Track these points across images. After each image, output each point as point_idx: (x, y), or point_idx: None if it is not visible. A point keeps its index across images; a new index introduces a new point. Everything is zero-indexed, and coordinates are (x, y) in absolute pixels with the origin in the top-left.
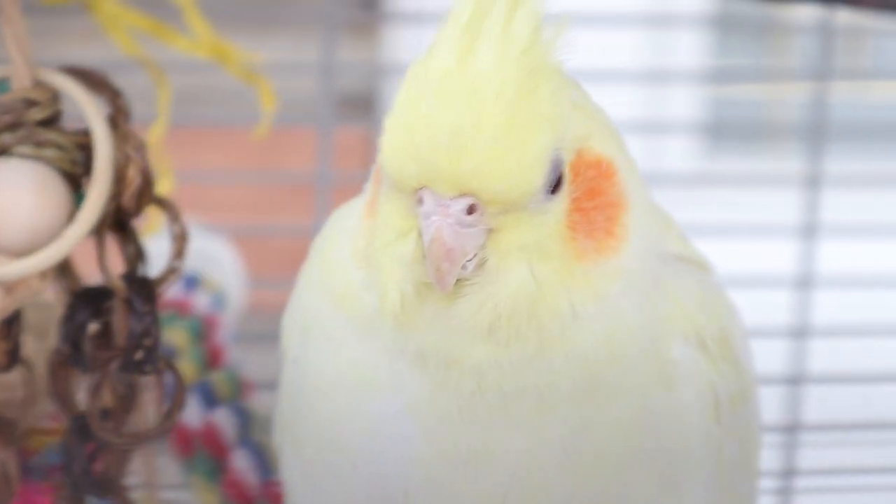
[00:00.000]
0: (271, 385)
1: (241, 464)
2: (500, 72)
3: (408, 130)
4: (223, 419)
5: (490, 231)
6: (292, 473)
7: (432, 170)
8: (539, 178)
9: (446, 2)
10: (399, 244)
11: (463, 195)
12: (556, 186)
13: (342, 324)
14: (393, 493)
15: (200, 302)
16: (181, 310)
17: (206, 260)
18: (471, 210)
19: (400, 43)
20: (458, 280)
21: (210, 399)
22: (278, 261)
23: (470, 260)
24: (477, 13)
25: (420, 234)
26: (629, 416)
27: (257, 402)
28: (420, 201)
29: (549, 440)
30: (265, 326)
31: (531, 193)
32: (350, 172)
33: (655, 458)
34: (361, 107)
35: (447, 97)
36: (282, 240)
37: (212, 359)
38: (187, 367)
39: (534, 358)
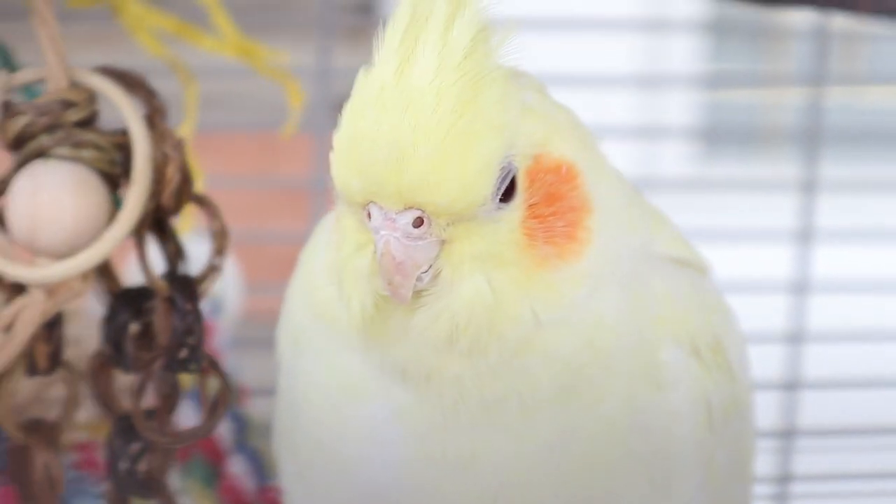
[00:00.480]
0: (268, 391)
1: (237, 469)
2: (439, 81)
3: (350, 145)
4: (219, 425)
5: (443, 242)
6: (289, 479)
7: (375, 184)
8: (486, 187)
9: None
10: (357, 258)
11: (409, 208)
12: (508, 194)
13: (327, 335)
14: (385, 497)
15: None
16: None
17: (202, 265)
18: (418, 223)
19: None
20: (416, 292)
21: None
22: (274, 267)
23: (425, 272)
24: (414, 22)
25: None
26: (616, 417)
27: (254, 407)
28: (368, 216)
29: (536, 443)
30: (261, 332)
31: (479, 203)
32: None
33: (644, 459)
34: None
35: (385, 110)
36: (278, 246)
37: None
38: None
39: (501, 365)
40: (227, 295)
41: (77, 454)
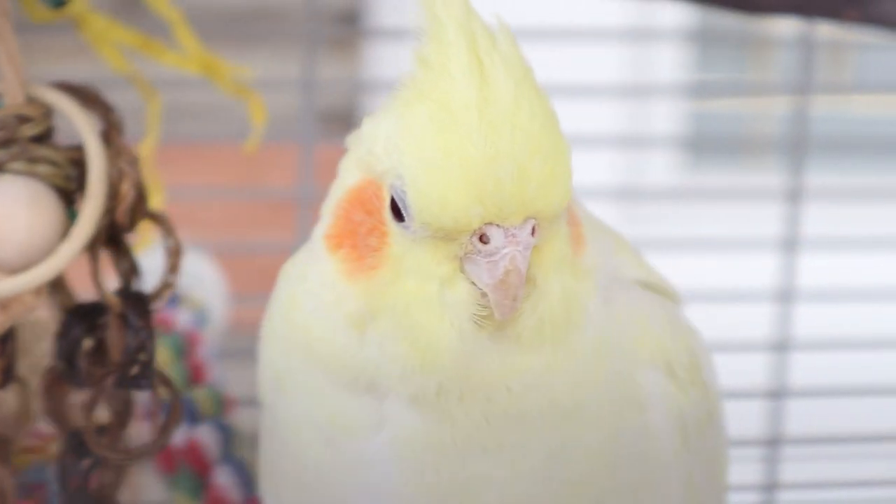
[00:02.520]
0: (254, 401)
1: (223, 480)
2: (520, 94)
3: (465, 173)
4: (206, 436)
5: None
6: None
7: (499, 204)
8: (570, 188)
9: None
10: (448, 291)
11: (526, 220)
12: None
13: (315, 376)
14: None
15: (182, 318)
16: (163, 326)
17: (188, 276)
18: (533, 233)
19: (381, 59)
20: None
21: (193, 416)
22: (260, 277)
23: None
24: (464, 41)
25: (464, 275)
26: (603, 440)
27: (240, 418)
28: (481, 240)
29: (529, 468)
30: (247, 343)
31: (566, 204)
32: (330, 189)
33: (630, 482)
34: (342, 123)
35: (494, 129)
36: (263, 256)
37: (194, 375)
38: None
39: (552, 368)
40: (212, 306)
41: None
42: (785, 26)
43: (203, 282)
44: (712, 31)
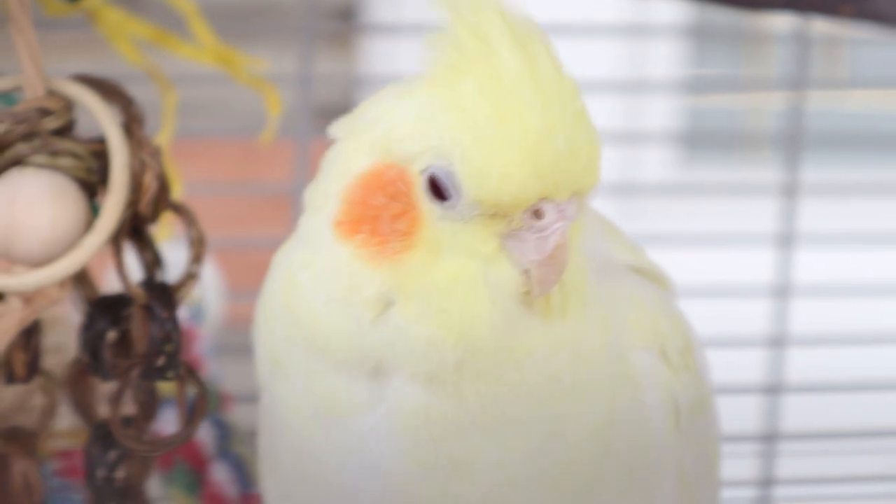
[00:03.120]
0: (250, 397)
1: (220, 476)
2: (559, 68)
3: (524, 147)
4: (203, 431)
5: None
6: (272, 497)
7: (555, 179)
8: None
9: (423, 13)
10: (492, 269)
11: (572, 196)
12: None
13: (314, 360)
14: None
15: (178, 314)
16: None
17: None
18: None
19: (377, 54)
20: None
21: (189, 412)
22: (256, 273)
23: None
24: (499, 17)
25: (505, 253)
26: (598, 421)
27: (236, 414)
28: (534, 215)
29: (526, 448)
30: (243, 338)
31: None
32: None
33: (625, 460)
34: (339, 118)
35: (548, 105)
36: (259, 252)
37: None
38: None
39: (567, 342)
40: (208, 301)
41: (60, 462)
42: (780, 22)
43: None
44: (708, 26)
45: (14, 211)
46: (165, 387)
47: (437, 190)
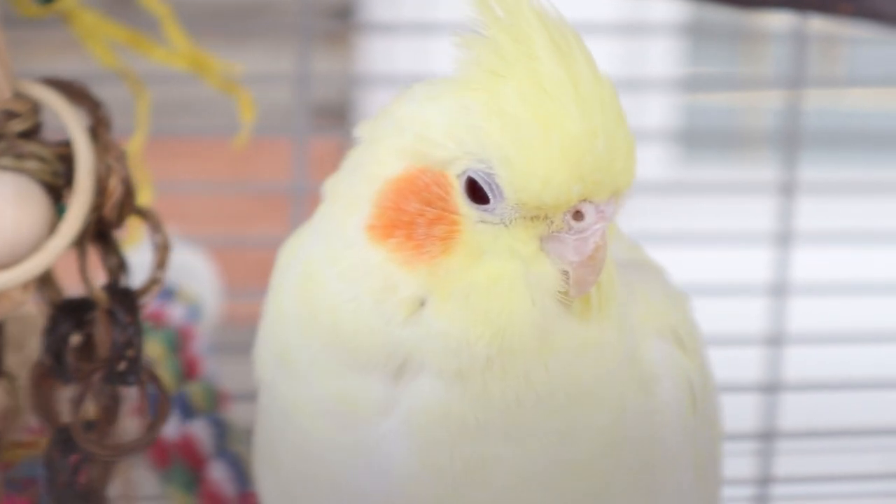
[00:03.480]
0: (248, 396)
1: (218, 475)
2: (596, 70)
3: (566, 149)
4: (200, 430)
5: None
6: (272, 497)
7: (596, 180)
8: None
9: (419, 12)
10: (532, 270)
11: (610, 196)
12: None
13: (331, 357)
14: None
15: (176, 313)
16: (157, 321)
17: (181, 271)
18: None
19: (374, 53)
20: None
21: (186, 410)
22: (253, 271)
23: None
24: (536, 20)
25: (545, 254)
26: (609, 423)
27: (234, 412)
28: (574, 217)
29: (541, 449)
30: (241, 337)
31: None
32: (324, 183)
33: (633, 464)
34: (336, 117)
35: (584, 105)
36: (257, 250)
37: (188, 370)
38: (163, 378)
39: (597, 343)
40: (206, 300)
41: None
42: (778, 20)
43: (196, 276)
44: (705, 24)
45: None
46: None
47: (476, 193)
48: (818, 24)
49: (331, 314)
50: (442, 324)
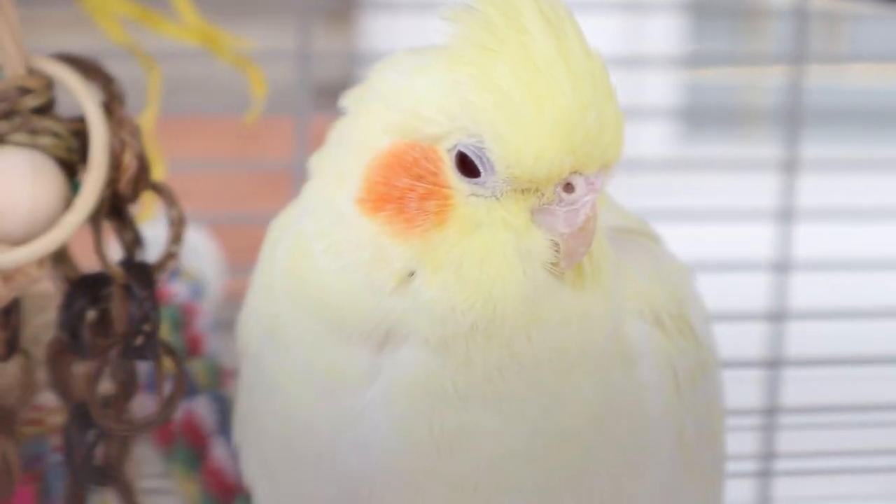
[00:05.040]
0: None
1: (220, 452)
2: (586, 45)
3: (558, 123)
4: (203, 407)
5: None
6: (252, 469)
7: (587, 153)
8: None
9: None
10: (524, 241)
11: (600, 169)
12: None
13: (317, 328)
14: (357, 486)
15: (179, 291)
16: (160, 299)
17: (184, 249)
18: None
19: (376, 31)
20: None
21: (189, 387)
22: (255, 249)
23: None
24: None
25: (536, 226)
26: (592, 397)
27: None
28: (565, 189)
29: (522, 421)
30: None
31: None
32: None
33: (618, 438)
34: (338, 95)
35: (578, 81)
36: (259, 228)
37: (191, 347)
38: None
39: (586, 314)
40: (208, 278)
41: (59, 438)
42: None
43: (199, 254)
44: (706, 1)
45: None
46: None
47: (466, 167)
48: (820, 0)
49: (319, 287)
50: (431, 293)
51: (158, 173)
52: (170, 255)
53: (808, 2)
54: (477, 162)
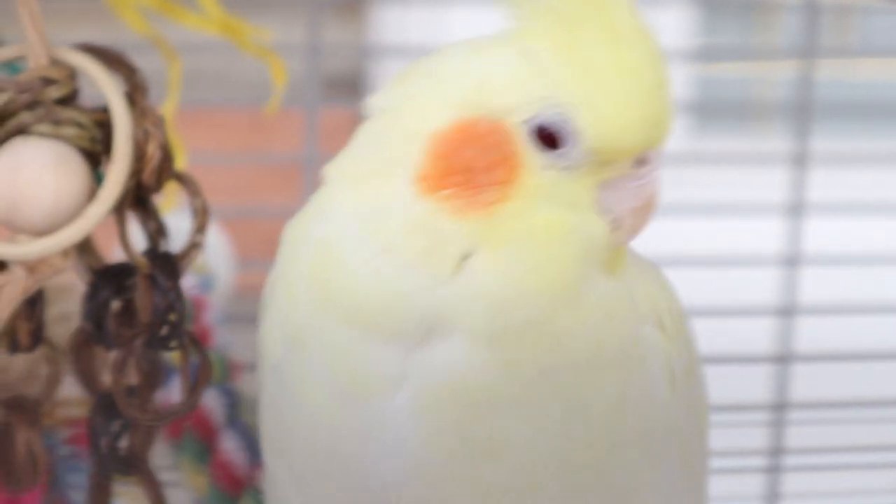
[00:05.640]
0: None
1: (229, 445)
2: (644, 25)
3: (641, 97)
4: (212, 400)
5: None
6: (283, 483)
7: (661, 128)
8: None
9: None
10: (583, 220)
11: (657, 147)
12: None
13: (345, 332)
14: (386, 494)
15: (189, 283)
16: None
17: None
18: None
19: (386, 24)
20: None
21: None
22: (265, 242)
23: None
24: None
25: (595, 206)
26: (618, 393)
27: (246, 383)
28: (639, 162)
29: (548, 426)
30: (253, 308)
31: None
32: (337, 154)
33: (637, 435)
34: (348, 88)
35: (653, 57)
36: (268, 221)
37: (201, 340)
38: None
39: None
40: (218, 271)
41: (69, 430)
42: None
43: (209, 246)
44: None
45: (17, 180)
46: (176, 356)
47: (544, 140)
48: None
49: (349, 289)
50: (487, 277)
51: (180, 163)
52: (194, 245)
53: None
54: (560, 133)
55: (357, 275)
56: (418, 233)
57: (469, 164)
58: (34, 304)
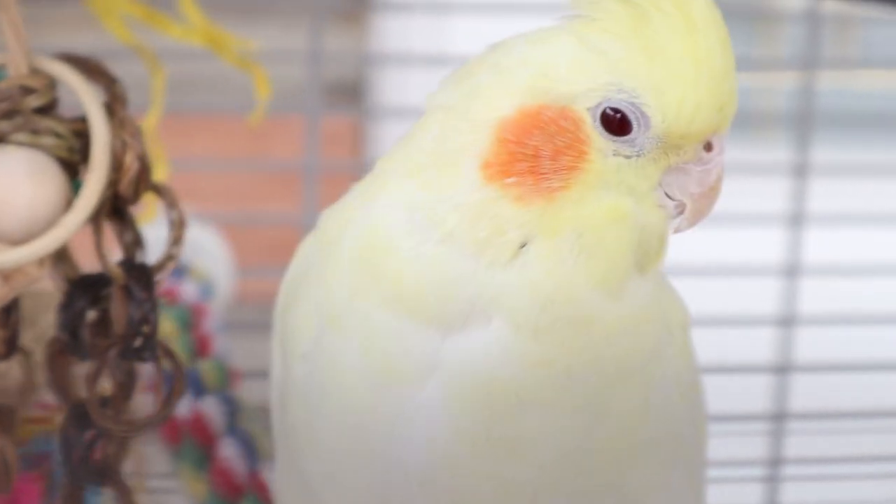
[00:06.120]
0: (259, 374)
1: (228, 452)
2: (713, 10)
3: (712, 82)
4: (211, 408)
5: None
6: (314, 473)
7: (727, 114)
8: None
9: None
10: (643, 208)
11: (723, 132)
12: None
13: (381, 317)
14: (409, 483)
15: (188, 290)
16: (169, 298)
17: (194, 248)
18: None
19: (387, 31)
20: None
21: (198, 388)
22: (266, 249)
23: None
24: None
25: (655, 196)
26: (639, 395)
27: (245, 390)
28: (707, 147)
29: (576, 427)
30: (253, 315)
31: None
32: (337, 161)
33: (656, 440)
34: (349, 95)
35: (724, 45)
36: (269, 228)
37: (199, 348)
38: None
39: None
40: (218, 277)
41: None
42: (792, 1)
43: (209, 253)
44: (719, 4)
45: None
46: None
47: (612, 126)
48: (832, 4)
49: (399, 272)
50: (538, 268)
51: (160, 174)
52: (170, 257)
53: (820, 6)
54: (631, 118)
55: (407, 259)
56: (480, 219)
57: (535, 151)
58: (9, 312)
